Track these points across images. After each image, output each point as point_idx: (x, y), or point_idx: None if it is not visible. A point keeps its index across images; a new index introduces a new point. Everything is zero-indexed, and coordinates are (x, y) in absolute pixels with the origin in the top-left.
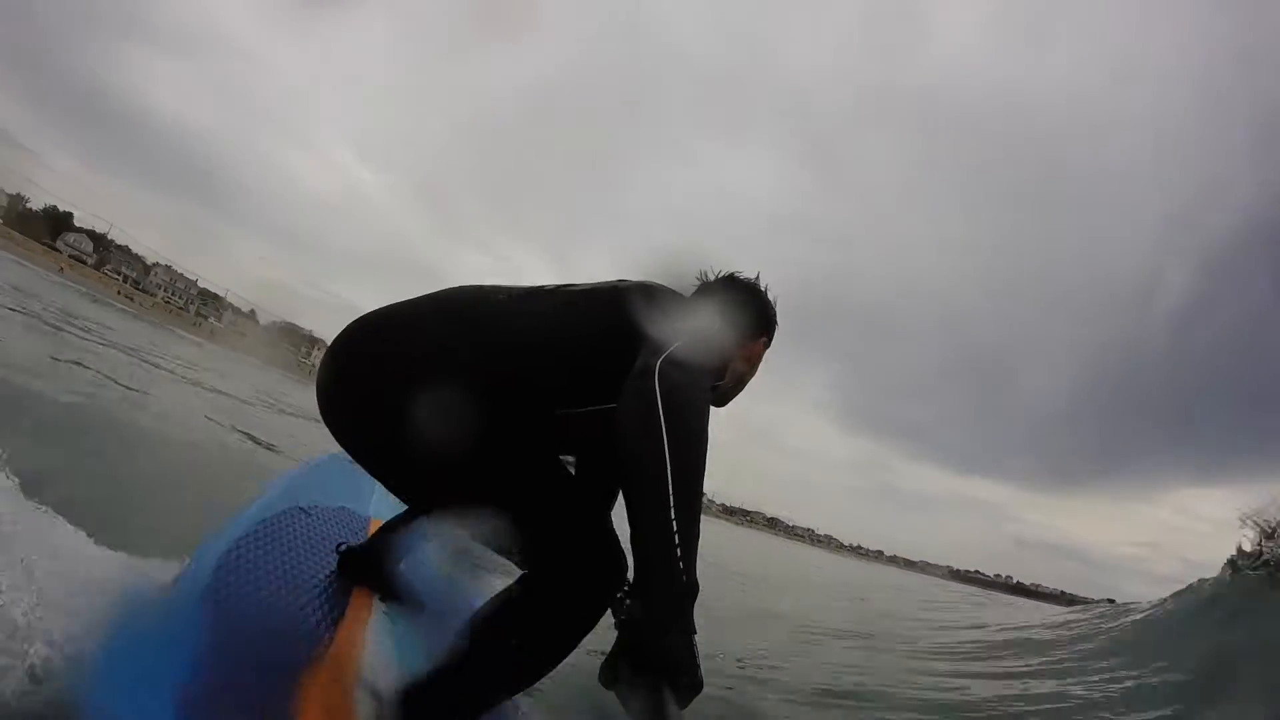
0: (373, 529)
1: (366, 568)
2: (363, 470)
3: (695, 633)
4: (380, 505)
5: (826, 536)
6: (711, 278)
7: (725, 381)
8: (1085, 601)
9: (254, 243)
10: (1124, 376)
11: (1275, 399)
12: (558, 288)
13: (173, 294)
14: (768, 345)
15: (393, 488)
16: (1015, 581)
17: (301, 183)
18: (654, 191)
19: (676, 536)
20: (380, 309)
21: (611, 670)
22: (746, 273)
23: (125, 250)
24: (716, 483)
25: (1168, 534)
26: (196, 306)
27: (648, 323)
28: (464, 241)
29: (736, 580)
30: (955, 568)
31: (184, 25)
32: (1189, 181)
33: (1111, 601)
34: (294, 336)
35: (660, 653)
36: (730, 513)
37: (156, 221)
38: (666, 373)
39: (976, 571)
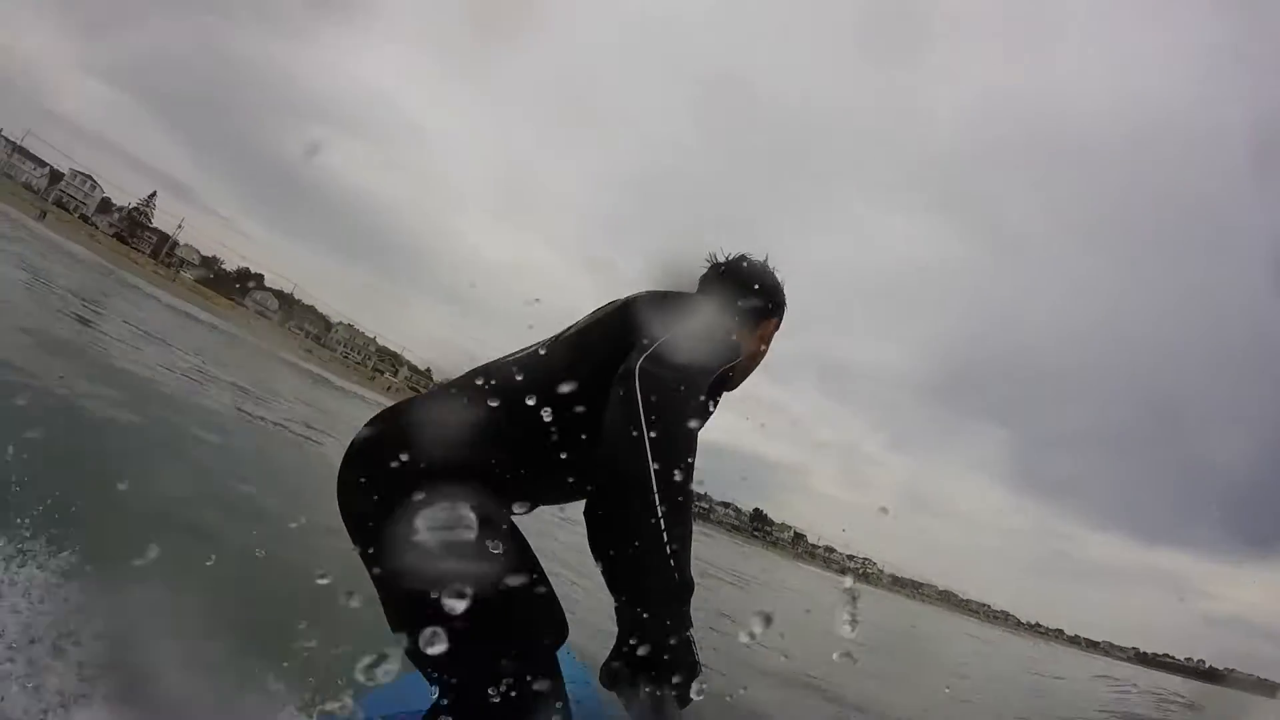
0: None
1: None
2: None
3: (692, 627)
4: None
5: (1003, 613)
6: (721, 260)
7: (740, 360)
8: None
9: (431, 305)
10: None
11: None
12: (569, 328)
13: (352, 349)
14: (778, 326)
15: (378, 583)
16: (1208, 666)
17: (475, 248)
18: (797, 250)
19: (666, 535)
20: (409, 398)
21: (612, 671)
22: (756, 255)
23: (309, 309)
24: (883, 551)
25: None
26: (374, 362)
27: (644, 326)
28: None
29: None
30: (1142, 650)
31: (364, 107)
32: None
33: None
34: None
35: (659, 651)
36: (900, 584)
37: (341, 286)
38: (647, 371)
39: (1166, 655)
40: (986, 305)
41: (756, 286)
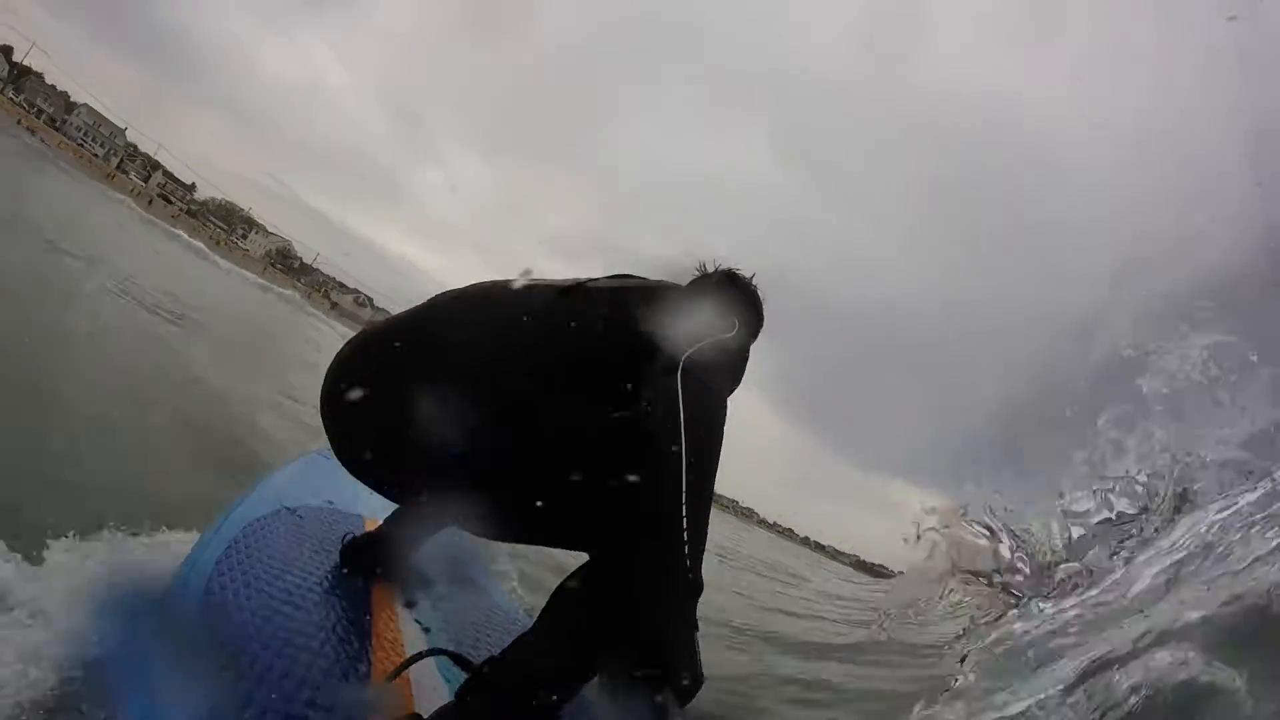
0: (368, 526)
1: (376, 560)
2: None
3: (698, 629)
4: (371, 502)
5: (749, 509)
6: (710, 270)
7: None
8: None
9: (212, 120)
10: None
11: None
12: (574, 287)
13: (92, 139)
14: (751, 343)
15: (402, 499)
16: None
17: (270, 68)
18: (632, 139)
19: (686, 534)
20: (393, 316)
21: (612, 669)
22: (743, 270)
23: (48, 84)
24: None
25: None
26: (120, 158)
27: (661, 323)
28: (421, 154)
29: None
30: (863, 559)
31: None
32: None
33: None
34: (231, 216)
35: (663, 644)
36: None
37: (111, 82)
38: (690, 372)
39: (882, 565)
40: (786, 227)
41: (749, 306)
